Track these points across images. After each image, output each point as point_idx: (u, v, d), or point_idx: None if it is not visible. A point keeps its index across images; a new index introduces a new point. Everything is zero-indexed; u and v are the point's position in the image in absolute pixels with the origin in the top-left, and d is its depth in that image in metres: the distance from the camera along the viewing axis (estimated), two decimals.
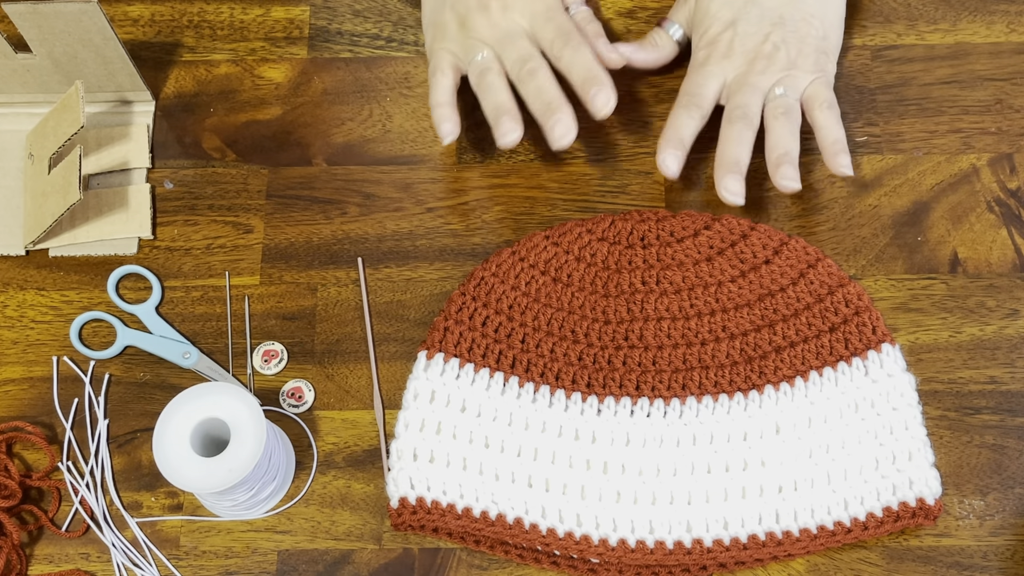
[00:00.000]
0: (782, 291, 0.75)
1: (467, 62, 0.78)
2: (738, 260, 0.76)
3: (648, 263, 0.76)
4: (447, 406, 0.73)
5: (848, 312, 0.74)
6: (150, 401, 0.77)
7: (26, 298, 0.80)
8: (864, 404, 0.72)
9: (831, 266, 0.75)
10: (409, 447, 0.72)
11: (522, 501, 0.71)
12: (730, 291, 0.75)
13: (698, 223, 0.77)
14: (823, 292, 0.74)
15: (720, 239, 0.76)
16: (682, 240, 0.76)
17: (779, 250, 0.75)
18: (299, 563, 0.73)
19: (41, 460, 0.76)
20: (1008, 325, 0.76)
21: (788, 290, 0.75)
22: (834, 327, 0.74)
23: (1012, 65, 0.83)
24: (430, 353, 0.74)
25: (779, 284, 0.75)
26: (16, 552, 0.72)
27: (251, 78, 0.85)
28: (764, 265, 0.75)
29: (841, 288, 0.74)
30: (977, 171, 0.80)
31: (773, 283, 0.75)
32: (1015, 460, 0.73)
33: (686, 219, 0.77)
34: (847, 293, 0.74)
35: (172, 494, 0.75)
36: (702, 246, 0.76)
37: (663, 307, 0.75)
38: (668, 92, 0.83)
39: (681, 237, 0.76)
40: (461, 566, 0.72)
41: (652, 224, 0.77)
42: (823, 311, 0.74)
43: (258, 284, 0.80)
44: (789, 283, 0.75)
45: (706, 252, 0.76)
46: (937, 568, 0.71)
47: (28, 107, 0.84)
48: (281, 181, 0.82)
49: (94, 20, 0.76)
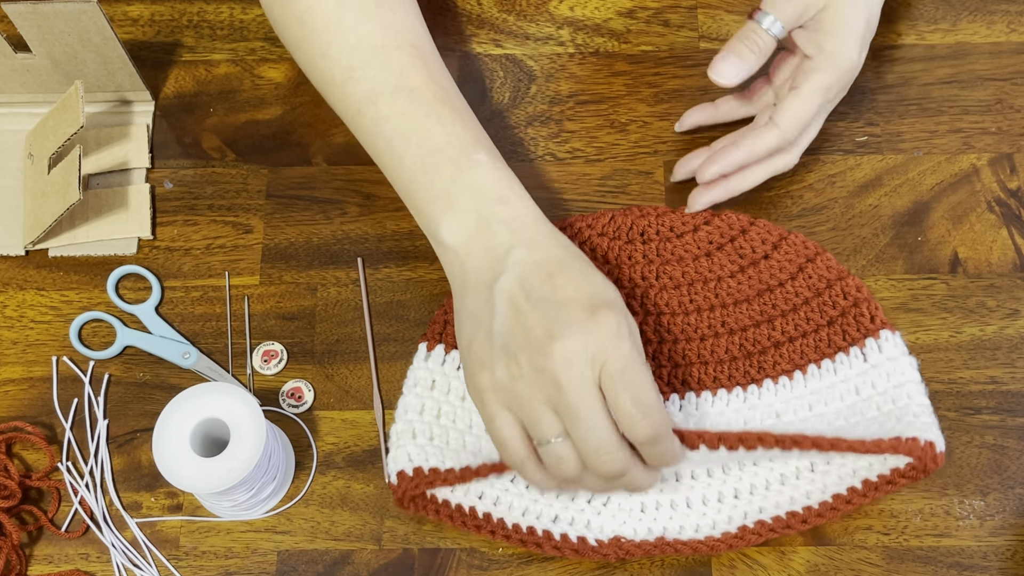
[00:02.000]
0: (781, 286, 0.75)
1: (533, 434, 0.63)
2: (737, 255, 0.76)
3: (648, 258, 0.76)
4: (447, 394, 0.73)
5: (846, 304, 0.74)
6: (150, 401, 0.77)
7: (26, 298, 0.80)
8: (865, 385, 0.72)
9: (830, 260, 0.75)
10: (408, 429, 0.72)
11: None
12: (729, 286, 0.75)
13: (697, 218, 0.77)
14: (821, 286, 0.74)
15: (719, 234, 0.76)
16: (682, 235, 0.76)
17: (778, 245, 0.75)
18: (299, 563, 0.72)
19: (41, 460, 0.76)
20: (1008, 325, 0.76)
21: (787, 285, 0.75)
22: (832, 320, 0.74)
23: (1012, 65, 0.83)
24: (430, 344, 0.74)
25: (778, 279, 0.75)
26: (16, 552, 0.72)
27: (251, 78, 0.85)
28: (763, 260, 0.75)
29: (840, 281, 0.74)
30: (977, 171, 0.80)
31: (772, 278, 0.75)
32: (1015, 460, 0.73)
33: (685, 214, 0.77)
34: (845, 286, 0.74)
35: (172, 494, 0.75)
36: (701, 241, 0.76)
37: (663, 302, 0.75)
38: (668, 92, 0.83)
39: (681, 232, 0.76)
40: (461, 566, 0.72)
41: (652, 219, 0.77)
42: (821, 305, 0.74)
43: (258, 284, 0.79)
44: (788, 278, 0.75)
45: (705, 247, 0.76)
46: (937, 568, 0.71)
47: (28, 107, 0.84)
48: (281, 181, 0.82)
49: (94, 20, 0.76)
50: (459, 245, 0.66)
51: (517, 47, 0.86)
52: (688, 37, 0.85)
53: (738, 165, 0.76)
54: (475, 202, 0.66)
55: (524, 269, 0.63)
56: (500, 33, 0.86)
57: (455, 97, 0.72)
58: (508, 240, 0.65)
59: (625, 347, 0.61)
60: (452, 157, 0.68)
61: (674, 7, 0.86)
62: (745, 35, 0.75)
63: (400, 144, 0.69)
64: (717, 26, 0.85)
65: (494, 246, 0.65)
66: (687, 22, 0.86)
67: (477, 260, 0.66)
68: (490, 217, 0.66)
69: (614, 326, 0.61)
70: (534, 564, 0.72)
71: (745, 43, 0.74)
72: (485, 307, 0.64)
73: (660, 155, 0.82)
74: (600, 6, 0.87)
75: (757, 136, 0.75)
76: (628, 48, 0.85)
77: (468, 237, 0.66)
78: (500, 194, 0.67)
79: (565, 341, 0.60)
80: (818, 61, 0.74)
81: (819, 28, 0.74)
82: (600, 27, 0.86)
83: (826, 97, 0.75)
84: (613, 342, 0.61)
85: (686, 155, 0.79)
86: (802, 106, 0.74)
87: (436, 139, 0.69)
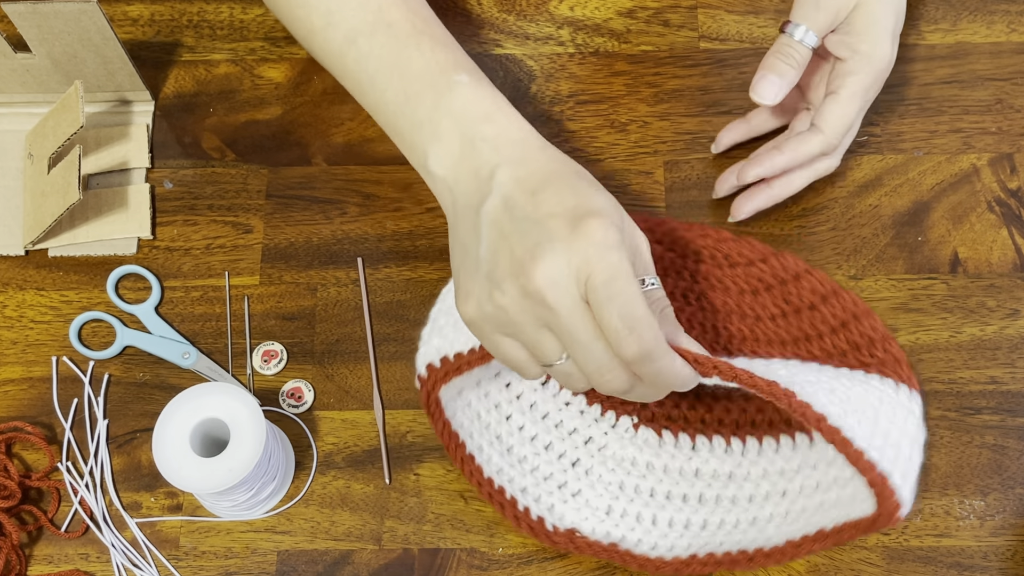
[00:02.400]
0: (820, 337, 0.72)
1: (536, 358, 0.61)
2: (783, 300, 0.73)
3: (694, 279, 0.74)
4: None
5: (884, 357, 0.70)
6: (150, 401, 0.77)
7: (25, 298, 0.80)
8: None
9: (875, 321, 0.71)
10: (436, 329, 0.70)
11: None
12: (767, 327, 0.73)
13: (755, 253, 0.74)
14: (861, 342, 0.71)
15: (772, 275, 0.73)
16: (734, 266, 0.74)
17: (827, 298, 0.72)
18: (299, 563, 0.72)
19: (40, 460, 0.76)
20: (1009, 325, 0.76)
21: (826, 337, 0.72)
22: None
23: (1012, 65, 0.83)
24: None
25: (818, 330, 0.72)
26: (15, 552, 0.72)
27: (251, 78, 0.85)
28: (808, 310, 0.72)
29: (884, 342, 0.70)
30: (977, 171, 0.80)
31: (812, 328, 0.72)
32: (1016, 460, 0.73)
33: (745, 246, 0.74)
34: (888, 346, 0.70)
35: (172, 494, 0.75)
36: (752, 277, 0.74)
37: (695, 323, 0.73)
38: (668, 92, 0.83)
39: (734, 263, 0.74)
40: (461, 566, 0.72)
41: (711, 242, 0.75)
42: (858, 358, 0.70)
43: (258, 284, 0.79)
44: (829, 331, 0.72)
45: (754, 284, 0.74)
46: (937, 568, 0.71)
47: (28, 107, 0.84)
48: (281, 181, 0.82)
49: (94, 20, 0.76)
50: (446, 172, 0.64)
51: (517, 47, 0.86)
52: (688, 37, 0.85)
53: (781, 169, 0.75)
54: (458, 124, 0.64)
55: (508, 189, 0.60)
56: (500, 33, 0.86)
57: (435, 26, 0.69)
58: (493, 159, 0.62)
59: (612, 257, 0.56)
60: (432, 83, 0.66)
61: (674, 7, 0.86)
62: (779, 50, 0.74)
63: (382, 78, 0.68)
64: (717, 26, 0.85)
65: (479, 167, 0.63)
66: (687, 22, 0.86)
67: (465, 184, 0.63)
68: (475, 137, 0.63)
69: (599, 234, 0.56)
70: (534, 564, 0.72)
71: (781, 58, 0.74)
72: (473, 233, 0.61)
73: (660, 155, 0.82)
74: (600, 6, 0.87)
75: (801, 141, 0.74)
76: (628, 48, 0.85)
77: (454, 162, 0.64)
78: (484, 112, 0.64)
79: (547, 260, 0.57)
80: (853, 63, 0.73)
81: (850, 30, 0.73)
82: (600, 27, 0.86)
83: (865, 98, 0.74)
84: (598, 252, 0.56)
85: (726, 171, 0.78)
86: (844, 110, 0.74)
87: (415, 66, 0.67)
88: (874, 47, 0.73)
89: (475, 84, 0.66)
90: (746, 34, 0.85)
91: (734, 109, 0.83)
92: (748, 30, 0.85)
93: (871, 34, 0.73)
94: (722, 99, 0.83)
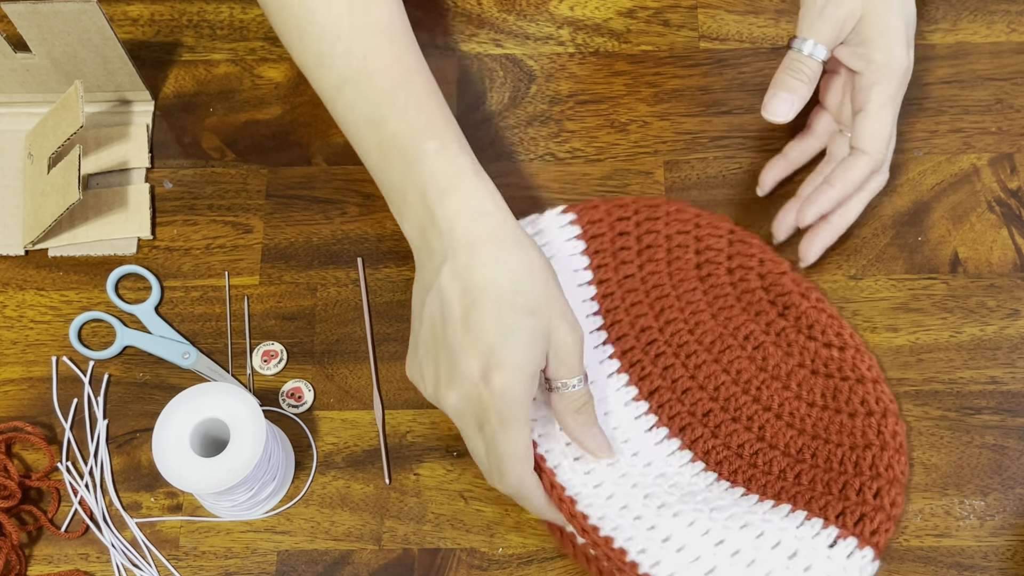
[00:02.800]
0: (837, 413, 0.72)
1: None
2: (832, 396, 0.73)
3: (767, 331, 0.74)
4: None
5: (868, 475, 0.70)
6: (149, 401, 0.77)
7: (25, 298, 0.80)
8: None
9: (899, 426, 0.71)
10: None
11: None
12: (791, 408, 0.73)
13: (839, 340, 0.74)
14: (858, 444, 0.71)
15: (824, 363, 0.73)
16: (812, 339, 0.74)
17: (862, 380, 0.72)
18: (298, 563, 0.72)
19: (40, 460, 0.76)
20: (1009, 325, 0.76)
21: (836, 418, 0.72)
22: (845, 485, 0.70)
23: (1012, 65, 0.83)
24: None
25: (835, 407, 0.72)
26: (15, 552, 0.72)
27: (251, 78, 0.85)
28: (848, 417, 0.72)
29: (883, 452, 0.70)
30: (977, 171, 0.80)
31: (827, 434, 0.72)
32: (1016, 460, 0.73)
33: (834, 323, 0.74)
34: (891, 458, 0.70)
35: (171, 494, 0.75)
36: (808, 352, 0.74)
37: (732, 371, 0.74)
38: (668, 92, 0.83)
39: (812, 336, 0.74)
40: (461, 566, 0.72)
41: (806, 305, 0.74)
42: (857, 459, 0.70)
43: (258, 284, 0.79)
44: (848, 415, 0.72)
45: (809, 366, 0.74)
46: (937, 568, 0.71)
47: (28, 107, 0.84)
48: (281, 181, 0.82)
49: (93, 20, 0.76)
50: (412, 239, 0.68)
51: (517, 47, 0.86)
52: (688, 37, 0.85)
53: (837, 202, 0.75)
54: (422, 197, 0.66)
55: (448, 295, 0.64)
56: (500, 33, 0.86)
57: (418, 77, 0.70)
58: (442, 248, 0.65)
59: (506, 410, 0.63)
60: (402, 146, 0.68)
61: (674, 7, 0.86)
62: (789, 66, 0.73)
63: (364, 130, 0.70)
64: (717, 26, 0.85)
65: (433, 251, 0.66)
66: (687, 22, 0.86)
67: (423, 261, 0.68)
68: (434, 213, 0.66)
69: (499, 387, 0.63)
70: (534, 564, 0.72)
71: (791, 74, 0.73)
72: (420, 309, 0.67)
73: (660, 155, 0.82)
74: (600, 6, 0.87)
75: (847, 168, 0.74)
76: (628, 48, 0.85)
77: (418, 234, 0.67)
78: (447, 184, 0.66)
79: (457, 391, 0.64)
80: (871, 74, 0.73)
81: (861, 41, 0.73)
82: (600, 27, 0.86)
83: (894, 106, 0.74)
84: (497, 403, 0.63)
85: (780, 212, 0.77)
86: (878, 124, 0.73)
87: (389, 127, 0.68)
88: (889, 55, 0.72)
89: (441, 152, 0.67)
90: (746, 34, 0.85)
91: (734, 109, 0.83)
92: (748, 30, 0.85)
93: (883, 42, 0.72)
94: (722, 99, 0.83)
